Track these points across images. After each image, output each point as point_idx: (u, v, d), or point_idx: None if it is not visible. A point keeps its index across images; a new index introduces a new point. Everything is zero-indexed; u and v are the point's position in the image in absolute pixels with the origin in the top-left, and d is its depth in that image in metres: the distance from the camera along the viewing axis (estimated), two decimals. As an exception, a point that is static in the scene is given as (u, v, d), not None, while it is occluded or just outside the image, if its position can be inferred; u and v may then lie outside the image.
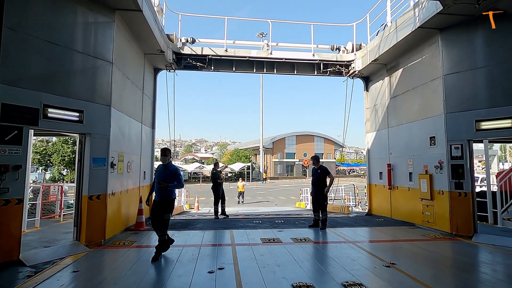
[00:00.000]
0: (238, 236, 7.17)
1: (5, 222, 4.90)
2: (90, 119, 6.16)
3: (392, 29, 8.80)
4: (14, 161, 5.01)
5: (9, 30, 5.00)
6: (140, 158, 9.00)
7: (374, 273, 4.72)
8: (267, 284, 4.20)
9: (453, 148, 7.28)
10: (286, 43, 11.53)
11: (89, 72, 6.25)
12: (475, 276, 4.79)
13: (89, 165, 6.19)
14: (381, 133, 10.52)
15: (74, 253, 5.69)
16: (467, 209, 7.08)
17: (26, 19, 5.26)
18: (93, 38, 6.36)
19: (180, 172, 5.85)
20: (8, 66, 4.98)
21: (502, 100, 6.68)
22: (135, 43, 8.40)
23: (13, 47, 5.06)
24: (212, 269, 4.81)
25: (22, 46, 5.20)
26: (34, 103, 5.30)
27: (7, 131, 4.95)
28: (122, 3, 6.57)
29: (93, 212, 6.21)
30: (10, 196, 4.95)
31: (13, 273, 4.63)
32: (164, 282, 4.33)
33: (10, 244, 4.95)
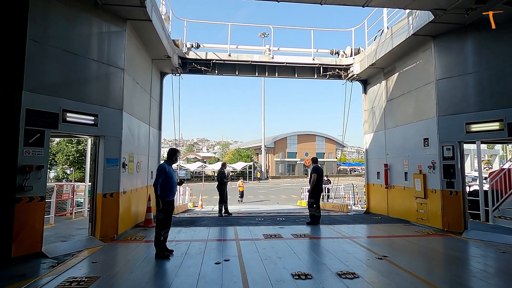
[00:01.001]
0: (242, 232, 7.61)
1: (29, 217, 5.36)
2: (104, 123, 6.62)
3: (388, 35, 9.21)
4: (37, 161, 5.47)
5: (32, 42, 5.47)
6: (148, 158, 9.46)
7: (367, 264, 5.15)
8: (269, 273, 4.64)
9: (445, 149, 7.69)
10: (287, 48, 11.96)
11: (103, 79, 6.71)
12: (461, 267, 5.21)
13: (103, 165, 6.65)
14: (379, 135, 10.93)
15: (90, 247, 6.15)
16: (458, 207, 7.49)
17: (47, 31, 5.72)
18: (106, 47, 6.82)
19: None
20: (32, 75, 5.45)
21: (490, 104, 7.09)
22: (144, 50, 8.86)
23: (36, 57, 5.53)
24: (218, 261, 5.26)
25: (44, 56, 5.67)
26: (54, 108, 5.76)
27: (31, 134, 5.41)
28: (133, 14, 7.03)
29: (107, 209, 6.67)
30: (34, 194, 5.41)
31: (38, 263, 5.10)
32: (175, 271, 4.78)
33: (34, 237, 5.42)
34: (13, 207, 5.16)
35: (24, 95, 5.32)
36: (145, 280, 4.41)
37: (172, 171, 5.60)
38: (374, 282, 4.35)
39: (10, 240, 5.12)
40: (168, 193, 5.51)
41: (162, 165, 5.52)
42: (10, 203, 5.14)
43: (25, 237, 5.29)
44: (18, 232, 5.19)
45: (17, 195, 5.20)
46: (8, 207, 5.13)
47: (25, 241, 5.29)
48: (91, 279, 4.38)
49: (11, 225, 5.13)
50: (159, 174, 5.39)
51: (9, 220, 5.12)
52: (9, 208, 5.13)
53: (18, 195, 5.21)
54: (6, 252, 5.08)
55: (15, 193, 5.19)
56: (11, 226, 5.13)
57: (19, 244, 5.20)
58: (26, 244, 5.31)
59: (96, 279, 4.39)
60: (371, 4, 6.72)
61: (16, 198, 5.20)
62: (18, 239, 5.19)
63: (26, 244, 5.31)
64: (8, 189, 5.14)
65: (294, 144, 60.79)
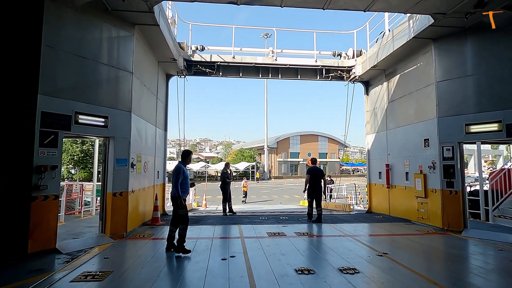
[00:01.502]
0: (246, 230, 7.83)
1: (44, 215, 5.62)
2: (113, 124, 6.87)
3: (389, 38, 9.39)
4: (52, 161, 5.73)
5: (47, 47, 5.72)
6: (154, 158, 9.70)
7: (368, 260, 5.35)
8: (273, 269, 4.86)
9: (444, 149, 7.87)
10: (290, 50, 12.17)
11: (112, 82, 6.96)
12: (459, 264, 5.39)
13: (113, 165, 6.90)
14: (380, 135, 11.11)
15: (101, 244, 6.40)
16: (458, 206, 7.66)
17: (60, 36, 5.98)
18: (116, 51, 7.07)
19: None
20: (46, 79, 5.70)
21: (489, 105, 7.26)
22: (151, 53, 9.11)
23: (50, 62, 5.78)
24: (224, 257, 5.48)
25: (57, 61, 5.92)
26: (68, 111, 6.02)
27: (45, 135, 5.67)
28: (141, 19, 7.27)
29: (116, 208, 6.92)
30: (48, 192, 5.67)
31: (53, 259, 5.35)
32: (184, 267, 5.01)
33: (48, 234, 5.67)
34: (29, 205, 5.41)
35: (40, 99, 5.57)
36: (156, 274, 4.64)
37: (187, 172, 5.94)
38: (374, 277, 4.55)
39: (26, 237, 5.37)
40: (184, 193, 5.80)
41: (180, 166, 5.81)
42: (26, 201, 5.40)
43: (40, 234, 5.55)
44: (33, 229, 5.45)
45: (33, 193, 5.46)
46: (24, 205, 5.38)
47: (40, 237, 5.55)
48: (105, 273, 4.61)
49: (28, 222, 5.39)
50: (178, 174, 5.70)
51: (25, 217, 5.37)
52: (25, 206, 5.38)
53: (33, 193, 5.47)
54: (23, 248, 5.33)
55: (31, 191, 5.44)
56: (27, 223, 5.39)
57: (34, 240, 5.46)
58: (41, 241, 5.56)
59: (109, 273, 4.63)
60: (372, 9, 6.90)
61: (32, 196, 5.45)
62: (33, 236, 5.44)
63: (41, 240, 5.56)
64: (24, 188, 5.39)
65: (297, 144, 60.91)
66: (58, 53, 5.92)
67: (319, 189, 9.28)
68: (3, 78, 5.44)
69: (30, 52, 5.56)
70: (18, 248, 5.30)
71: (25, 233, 5.36)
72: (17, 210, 5.34)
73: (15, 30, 5.55)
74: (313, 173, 9.31)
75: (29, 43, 5.58)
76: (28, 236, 5.38)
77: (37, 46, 5.59)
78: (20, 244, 5.32)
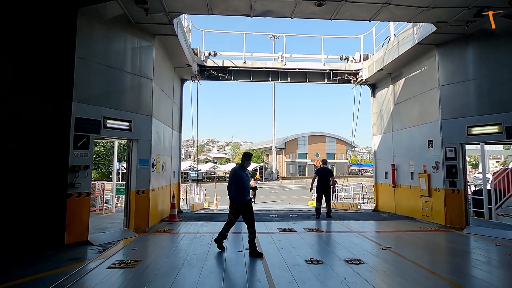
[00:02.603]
0: (258, 227, 8.27)
1: (78, 210, 6.23)
2: (137, 128, 7.46)
3: (394, 43, 9.80)
4: (84, 162, 6.34)
5: (79, 59, 6.34)
6: (171, 159, 10.30)
7: (372, 253, 5.81)
8: (285, 259, 5.36)
9: (447, 150, 8.25)
10: (299, 54, 12.66)
11: (136, 89, 7.56)
12: (458, 257, 5.80)
13: (136, 166, 7.49)
14: (386, 136, 11.50)
15: (126, 237, 6.99)
16: (460, 204, 8.03)
17: (90, 48, 6.60)
18: (138, 60, 7.67)
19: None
20: (79, 88, 6.31)
21: (489, 108, 7.62)
22: (168, 60, 9.71)
23: (82, 72, 6.39)
24: (240, 249, 6.01)
25: (88, 71, 6.53)
26: (97, 116, 6.62)
27: (79, 139, 6.28)
28: (161, 30, 7.86)
29: (139, 204, 7.52)
30: (81, 190, 6.28)
31: (87, 249, 5.96)
32: (204, 256, 5.55)
33: (81, 227, 6.29)
34: (65, 201, 6.03)
35: (74, 106, 6.19)
36: (180, 263, 5.19)
37: (244, 174, 5.74)
38: (377, 267, 5.01)
39: (63, 230, 5.99)
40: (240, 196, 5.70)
41: (234, 169, 5.76)
42: (63, 198, 6.01)
43: (75, 227, 6.16)
44: (69, 223, 6.06)
45: (68, 191, 6.07)
46: (61, 201, 6.00)
47: (75, 230, 6.16)
48: (135, 261, 5.19)
49: (64, 216, 6.00)
50: (232, 179, 5.71)
51: (62, 212, 5.99)
52: (62, 202, 6.00)
53: (69, 191, 6.08)
54: (60, 240, 5.95)
55: (67, 189, 6.06)
56: (64, 217, 6.00)
57: (70, 233, 6.07)
58: (76, 233, 6.18)
59: (139, 262, 5.20)
60: (376, 19, 7.34)
61: (68, 193, 6.06)
62: (69, 229, 6.06)
63: (76, 233, 6.18)
64: (61, 186, 6.01)
65: (305, 145, 61.18)
66: (88, 64, 6.53)
67: (327, 186, 9.95)
68: (43, 88, 6.07)
69: (66, 64, 6.18)
70: (56, 239, 5.91)
71: (62, 227, 5.97)
72: (55, 205, 5.95)
73: (52, 45, 6.17)
74: (320, 173, 10.03)
75: (64, 56, 6.20)
76: (65, 229, 5.99)
77: (71, 59, 6.21)
78: (58, 236, 5.93)
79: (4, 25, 6.04)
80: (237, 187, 5.65)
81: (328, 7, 6.71)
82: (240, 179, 5.66)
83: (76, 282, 4.29)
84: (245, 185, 5.71)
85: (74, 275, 4.54)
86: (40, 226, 5.83)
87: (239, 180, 5.65)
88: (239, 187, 5.65)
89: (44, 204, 5.88)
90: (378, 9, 6.79)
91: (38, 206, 5.84)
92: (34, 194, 5.85)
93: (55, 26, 6.23)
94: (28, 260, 5.27)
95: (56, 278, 4.40)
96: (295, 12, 6.95)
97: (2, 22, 6.03)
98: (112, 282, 4.33)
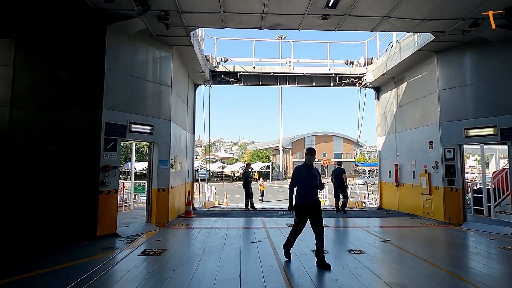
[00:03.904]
0: (268, 222, 9.00)
1: (108, 206, 6.97)
2: (157, 131, 8.19)
3: (397, 49, 10.33)
4: (113, 162, 7.08)
5: (108, 70, 7.08)
6: (185, 159, 11.02)
7: (373, 245, 6.40)
8: (294, 250, 5.96)
9: (446, 151, 8.76)
10: (305, 60, 13.26)
11: (156, 96, 8.28)
12: (452, 249, 6.35)
13: (157, 166, 8.22)
14: (390, 137, 12.02)
15: (148, 231, 7.72)
16: (458, 202, 8.55)
17: (117, 60, 7.33)
18: (158, 69, 8.39)
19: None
20: (109, 96, 7.05)
21: (485, 112, 8.12)
22: (183, 67, 10.43)
23: (111, 82, 7.13)
24: (253, 241, 6.67)
25: (115, 81, 7.27)
26: (124, 121, 7.36)
27: (108, 142, 7.02)
28: (179, 41, 8.57)
29: (160, 201, 8.24)
30: (111, 188, 7.02)
31: (116, 241, 6.69)
32: (222, 247, 6.22)
33: (111, 221, 7.03)
34: (97, 198, 6.77)
35: (104, 112, 6.93)
36: (201, 252, 5.87)
37: (306, 172, 5.20)
38: (376, 256, 5.62)
39: (96, 223, 6.73)
40: (300, 197, 5.22)
41: (297, 167, 5.34)
42: (95, 194, 6.76)
43: (105, 221, 6.91)
44: (101, 217, 6.80)
45: (100, 188, 6.82)
46: (94, 197, 6.75)
47: (105, 224, 6.91)
48: (161, 250, 5.89)
49: (96, 211, 6.75)
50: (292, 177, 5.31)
51: (95, 207, 6.73)
52: (95, 198, 6.75)
53: (100, 188, 6.82)
54: (93, 232, 6.70)
55: (99, 186, 6.80)
56: (96, 212, 6.75)
57: (101, 226, 6.82)
58: (106, 226, 6.92)
59: (165, 250, 5.90)
60: (377, 30, 7.91)
61: (100, 190, 6.81)
62: (101, 222, 6.80)
63: (106, 226, 6.92)
64: (94, 184, 6.76)
65: (312, 144, 61.38)
66: (116, 74, 7.27)
67: (341, 183, 11.17)
68: (78, 97, 6.83)
69: (97, 76, 6.92)
70: (90, 231, 6.66)
71: (95, 220, 6.72)
72: (89, 201, 6.71)
73: (85, 58, 6.93)
74: (334, 172, 11.44)
75: (96, 68, 6.94)
76: (97, 222, 6.74)
77: (102, 70, 6.95)
78: (91, 229, 6.68)
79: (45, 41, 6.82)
80: (300, 186, 5.18)
81: (332, 20, 7.31)
82: (304, 177, 5.15)
83: (115, 265, 5.01)
84: (310, 184, 5.15)
85: (112, 260, 5.27)
86: (76, 219, 6.59)
87: (304, 179, 5.15)
88: (304, 187, 5.15)
89: (79, 200, 6.64)
90: (379, 21, 7.37)
91: (75, 202, 6.60)
92: (71, 191, 6.62)
93: (88, 42, 6.98)
94: (68, 248, 6.03)
95: (97, 262, 5.13)
96: (302, 24, 7.57)
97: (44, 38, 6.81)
98: (145, 265, 5.04)
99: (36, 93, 6.77)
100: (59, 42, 6.87)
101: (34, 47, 6.85)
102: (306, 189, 5.16)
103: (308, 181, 5.17)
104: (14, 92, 6.67)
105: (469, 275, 4.71)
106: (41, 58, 6.84)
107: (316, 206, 5.18)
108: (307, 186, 5.17)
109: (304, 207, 5.18)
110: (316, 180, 5.20)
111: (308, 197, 5.16)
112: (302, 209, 5.20)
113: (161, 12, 6.95)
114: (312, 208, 5.14)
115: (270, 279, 4.44)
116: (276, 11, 6.99)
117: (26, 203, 6.41)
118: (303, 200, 5.17)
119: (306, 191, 5.16)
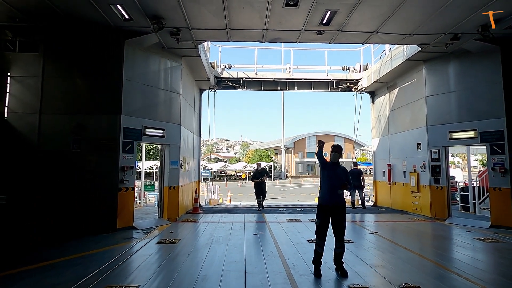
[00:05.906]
0: (269, 217, 9.83)
1: (126, 202, 7.83)
2: (168, 135, 9.03)
3: (389, 57, 11.12)
4: (130, 163, 7.93)
5: (126, 80, 7.93)
6: (192, 160, 11.86)
7: (362, 236, 7.22)
8: (291, 239, 6.82)
9: (432, 152, 9.55)
10: (304, 66, 14.17)
11: (167, 103, 9.13)
12: (434, 240, 7.15)
13: (168, 166, 9.07)
14: (384, 139, 12.81)
15: (161, 224, 8.57)
16: (443, 199, 9.34)
17: (134, 71, 8.18)
18: (169, 78, 9.24)
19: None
20: (126, 104, 7.90)
21: (467, 117, 8.89)
22: (191, 74, 11.27)
23: (128, 91, 7.98)
24: (256, 233, 7.50)
25: (132, 90, 8.12)
26: (139, 126, 8.21)
27: (126, 144, 7.87)
28: (187, 52, 9.40)
29: (171, 198, 9.09)
30: (128, 185, 7.87)
31: (134, 232, 7.54)
32: (228, 238, 7.05)
33: (128, 215, 7.89)
34: (117, 194, 7.62)
35: (122, 118, 7.78)
36: (210, 241, 6.71)
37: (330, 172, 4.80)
38: (363, 245, 6.44)
39: (115, 216, 7.58)
40: (321, 198, 4.85)
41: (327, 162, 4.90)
42: (115, 191, 7.61)
43: (124, 215, 7.76)
44: (120, 211, 7.66)
45: (119, 186, 7.67)
46: (114, 194, 7.60)
47: (124, 217, 7.76)
48: (176, 240, 6.73)
49: (116, 206, 7.60)
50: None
51: (115, 203, 7.58)
52: (115, 195, 7.60)
53: (120, 186, 7.68)
54: (114, 224, 7.55)
55: (118, 184, 7.65)
56: (116, 207, 7.60)
57: (121, 219, 7.67)
58: (125, 220, 7.78)
59: (178, 240, 6.74)
60: (368, 43, 8.72)
61: (119, 188, 7.66)
62: (120, 216, 7.65)
63: (124, 219, 7.78)
64: (114, 182, 7.61)
65: (313, 144, 62.20)
66: (132, 84, 8.12)
67: (359, 182, 12.20)
68: (101, 105, 7.69)
69: (116, 85, 7.77)
70: (111, 224, 7.51)
71: (115, 214, 7.57)
72: (110, 197, 7.56)
73: (106, 70, 7.78)
74: (351, 172, 12.11)
75: (115, 79, 7.79)
76: (117, 216, 7.59)
77: (120, 80, 7.80)
78: (112, 222, 7.53)
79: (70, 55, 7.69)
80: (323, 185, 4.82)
81: (326, 35, 8.12)
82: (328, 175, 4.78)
83: (138, 251, 5.87)
84: (331, 184, 4.72)
85: (134, 247, 6.12)
86: (99, 213, 7.45)
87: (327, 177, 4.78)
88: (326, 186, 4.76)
89: (101, 197, 7.50)
90: (369, 36, 8.17)
91: (98, 198, 7.46)
92: (95, 188, 7.47)
93: (108, 55, 7.84)
94: (94, 238, 6.89)
95: (122, 249, 5.98)
96: (300, 38, 8.38)
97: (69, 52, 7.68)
98: (163, 251, 5.88)
99: (62, 101, 7.63)
100: (83, 56, 7.73)
101: (60, 60, 7.71)
102: (327, 189, 4.74)
103: (330, 181, 4.74)
104: (43, 100, 7.54)
105: (438, 258, 5.52)
106: (67, 70, 7.70)
107: (339, 209, 4.72)
108: (329, 186, 4.74)
109: (324, 208, 4.75)
110: (340, 181, 4.70)
111: (329, 198, 4.72)
112: (322, 210, 4.76)
113: (174, 28, 7.79)
114: (334, 211, 4.71)
115: (270, 262, 5.28)
116: (276, 27, 7.81)
117: (54, 200, 7.27)
118: (324, 201, 4.76)
119: (327, 192, 4.74)
